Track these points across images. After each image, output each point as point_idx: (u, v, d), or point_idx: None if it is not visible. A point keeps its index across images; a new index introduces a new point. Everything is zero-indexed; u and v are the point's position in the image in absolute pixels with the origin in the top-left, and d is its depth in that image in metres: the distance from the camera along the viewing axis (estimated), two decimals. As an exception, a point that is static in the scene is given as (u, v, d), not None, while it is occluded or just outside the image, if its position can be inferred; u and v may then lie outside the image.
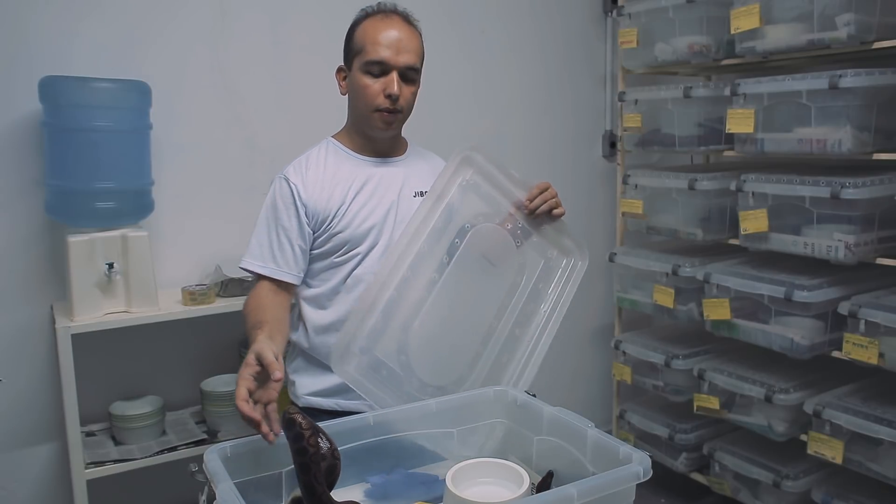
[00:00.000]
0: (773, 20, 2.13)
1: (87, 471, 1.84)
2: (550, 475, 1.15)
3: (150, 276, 1.91)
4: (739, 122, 2.20)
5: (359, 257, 1.56)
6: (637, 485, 1.02)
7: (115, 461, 1.89)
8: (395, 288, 1.39)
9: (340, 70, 1.61)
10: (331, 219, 1.55)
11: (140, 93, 1.93)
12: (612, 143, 2.96)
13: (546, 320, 1.49)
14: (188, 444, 1.99)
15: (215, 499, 0.99)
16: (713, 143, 2.40)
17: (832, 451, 2.02)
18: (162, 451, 1.95)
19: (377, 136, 1.59)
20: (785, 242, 2.14)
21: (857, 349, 1.96)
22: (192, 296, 1.98)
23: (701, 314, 2.37)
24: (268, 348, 1.14)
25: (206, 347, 2.25)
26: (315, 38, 2.28)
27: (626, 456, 1.04)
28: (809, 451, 2.08)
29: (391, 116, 1.54)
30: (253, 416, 1.06)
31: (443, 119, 2.57)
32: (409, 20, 1.57)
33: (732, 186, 2.25)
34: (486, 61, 2.67)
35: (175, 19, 2.11)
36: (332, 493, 1.03)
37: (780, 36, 2.11)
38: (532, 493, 1.09)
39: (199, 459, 1.07)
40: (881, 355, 1.92)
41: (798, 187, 2.07)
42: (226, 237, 2.17)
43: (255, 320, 1.39)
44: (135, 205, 1.96)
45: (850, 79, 1.92)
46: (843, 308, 1.99)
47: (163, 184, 2.07)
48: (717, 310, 2.29)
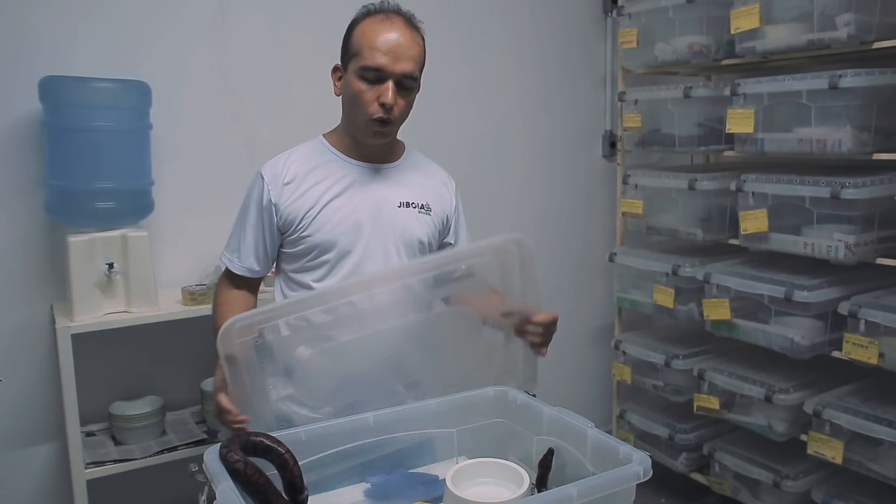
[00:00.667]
0: (773, 20, 2.13)
1: (87, 471, 1.84)
2: (551, 452, 1.14)
3: (150, 276, 1.91)
4: (739, 122, 2.19)
5: (328, 265, 1.48)
6: (637, 485, 1.02)
7: (115, 461, 1.89)
8: (350, 303, 1.29)
9: (336, 69, 1.52)
10: (299, 220, 1.48)
11: (140, 93, 1.93)
12: (612, 143, 2.96)
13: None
14: (188, 444, 1.99)
15: (215, 499, 0.99)
16: (713, 143, 2.40)
17: (832, 451, 2.02)
18: (162, 451, 1.95)
19: (368, 144, 1.52)
20: (785, 242, 2.14)
21: (857, 349, 1.96)
22: (192, 296, 1.98)
23: (701, 314, 2.37)
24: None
25: (206, 347, 2.22)
26: (315, 38, 2.28)
27: (626, 456, 1.05)
28: (809, 451, 2.08)
29: (383, 127, 1.45)
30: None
31: (442, 119, 2.57)
32: (411, 23, 1.46)
33: (732, 186, 2.25)
34: (485, 61, 2.67)
35: (175, 19, 2.11)
36: (331, 493, 1.03)
37: (780, 36, 2.11)
38: (531, 489, 1.10)
39: (199, 459, 1.08)
40: (881, 355, 1.92)
41: (798, 187, 2.07)
42: (226, 237, 2.13)
43: (223, 319, 1.38)
44: (135, 205, 1.96)
45: (850, 79, 1.92)
46: (843, 308, 1.99)
47: (163, 184, 2.07)
48: (717, 310, 2.29)
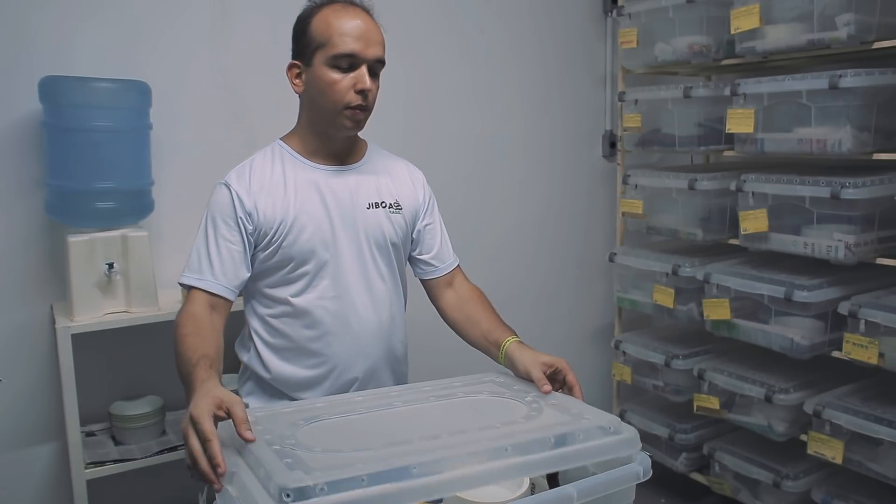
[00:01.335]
0: (773, 20, 2.13)
1: (87, 471, 1.83)
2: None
3: (150, 276, 1.91)
4: (739, 122, 2.19)
5: (307, 277, 1.48)
6: (637, 485, 1.02)
7: (115, 461, 1.89)
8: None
9: (294, 66, 1.48)
10: (274, 231, 1.45)
11: (140, 93, 1.93)
12: (612, 143, 2.96)
13: None
14: (188, 444, 1.98)
15: (215, 499, 0.99)
16: (713, 143, 2.40)
17: (832, 451, 2.02)
18: (162, 451, 1.95)
19: (341, 136, 1.50)
20: (785, 242, 2.14)
21: (857, 349, 1.96)
22: (192, 296, 1.97)
23: (701, 314, 2.37)
24: (240, 406, 1.06)
25: (206, 347, 2.24)
26: (315, 38, 2.28)
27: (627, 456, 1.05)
28: (809, 451, 2.08)
29: (361, 114, 1.44)
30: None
31: (442, 119, 2.57)
32: (370, 11, 1.47)
33: (732, 186, 2.25)
34: (485, 61, 2.67)
35: (176, 19, 2.11)
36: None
37: (780, 36, 2.11)
38: (531, 489, 1.09)
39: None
40: (881, 355, 1.92)
41: (798, 187, 2.07)
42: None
43: (199, 352, 1.27)
44: (135, 205, 1.95)
45: (850, 79, 1.92)
46: (843, 308, 1.99)
47: (163, 184, 2.07)
48: (717, 310, 2.29)
